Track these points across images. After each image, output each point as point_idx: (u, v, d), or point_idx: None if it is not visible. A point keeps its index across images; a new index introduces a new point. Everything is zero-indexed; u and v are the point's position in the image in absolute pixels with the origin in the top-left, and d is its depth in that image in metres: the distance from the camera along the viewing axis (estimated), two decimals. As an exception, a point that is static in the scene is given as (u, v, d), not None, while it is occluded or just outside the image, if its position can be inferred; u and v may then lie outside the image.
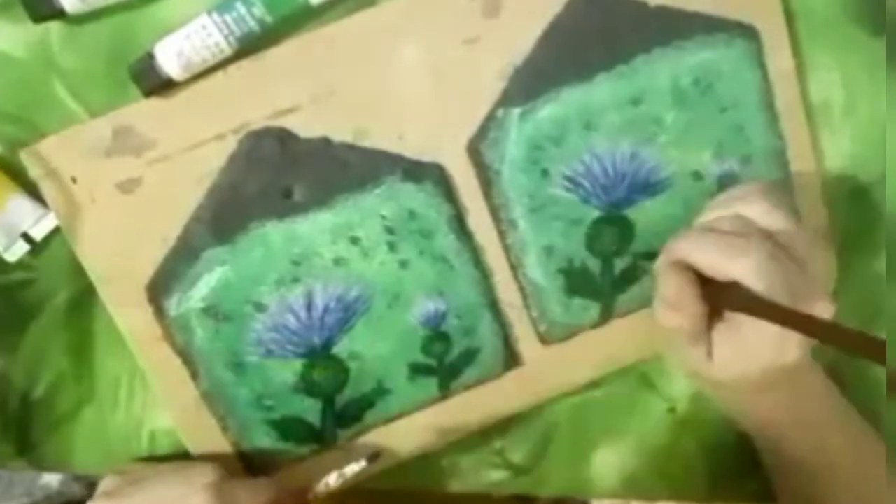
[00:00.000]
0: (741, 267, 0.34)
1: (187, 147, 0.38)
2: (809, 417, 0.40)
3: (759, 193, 0.37)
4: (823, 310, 0.35)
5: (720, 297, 0.36)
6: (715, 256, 0.35)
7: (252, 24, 0.36)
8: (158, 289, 0.39)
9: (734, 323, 0.37)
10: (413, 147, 0.40)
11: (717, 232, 0.36)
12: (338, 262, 0.40)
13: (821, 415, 0.41)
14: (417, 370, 0.42)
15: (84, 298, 0.40)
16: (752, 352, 0.36)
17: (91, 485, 0.59)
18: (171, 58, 0.36)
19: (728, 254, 0.34)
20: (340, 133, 0.39)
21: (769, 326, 0.34)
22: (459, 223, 0.41)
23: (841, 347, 0.33)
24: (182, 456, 0.42)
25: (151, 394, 0.42)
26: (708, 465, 0.47)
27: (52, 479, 0.59)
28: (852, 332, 0.32)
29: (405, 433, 0.43)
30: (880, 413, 0.45)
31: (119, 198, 0.38)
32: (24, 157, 0.37)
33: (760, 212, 0.36)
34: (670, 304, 0.37)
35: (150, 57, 0.36)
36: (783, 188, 0.40)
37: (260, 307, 0.40)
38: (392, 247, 0.40)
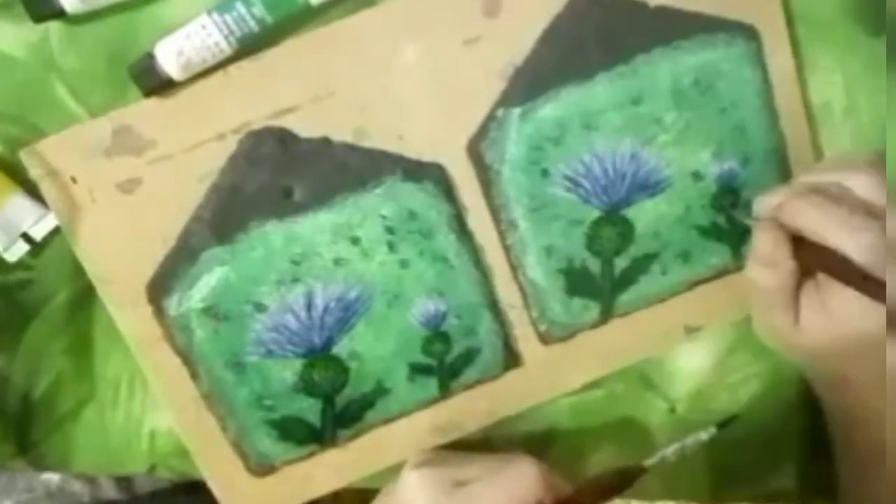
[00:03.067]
0: (854, 242, 0.34)
1: (187, 147, 0.38)
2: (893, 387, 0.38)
3: (867, 165, 0.36)
4: None
5: (816, 260, 0.36)
6: (829, 226, 0.34)
7: (252, 24, 0.36)
8: (158, 289, 0.39)
9: (823, 287, 0.36)
10: (413, 147, 0.40)
11: (831, 198, 0.35)
12: (338, 262, 0.40)
13: None
14: (417, 370, 0.42)
15: (84, 298, 0.40)
16: (840, 318, 0.36)
17: (91, 482, 0.59)
18: (171, 58, 0.36)
19: (843, 227, 0.34)
20: (340, 133, 0.39)
21: (851, 294, 0.34)
22: (459, 223, 0.41)
23: None
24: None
25: (151, 394, 0.42)
26: (708, 465, 0.47)
27: (52, 476, 0.59)
28: None
29: (405, 433, 0.43)
30: None
31: (119, 198, 0.38)
32: (24, 157, 0.37)
33: (868, 185, 0.36)
34: (764, 261, 0.36)
35: (150, 57, 0.36)
36: (881, 162, 0.39)
37: (260, 307, 0.40)
38: (392, 247, 0.40)
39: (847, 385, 0.39)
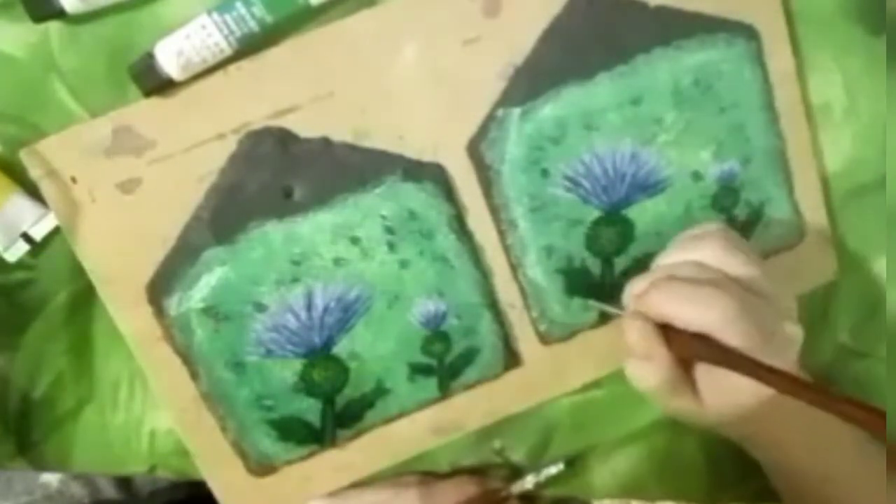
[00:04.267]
0: (718, 315, 0.34)
1: (187, 147, 0.38)
2: (812, 433, 0.39)
3: (715, 237, 0.36)
4: (792, 332, 0.36)
5: (684, 346, 0.35)
6: (686, 308, 0.34)
7: (252, 24, 0.36)
8: (158, 289, 0.39)
9: (705, 367, 0.36)
10: (413, 147, 0.40)
11: (681, 280, 0.35)
12: (338, 262, 0.40)
13: (821, 430, 0.40)
14: (417, 370, 0.42)
15: (84, 298, 0.40)
16: (738, 384, 0.35)
17: (90, 483, 0.59)
18: (171, 58, 0.36)
19: (699, 305, 0.34)
20: (340, 133, 0.39)
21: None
22: (459, 223, 0.41)
23: (808, 402, 0.32)
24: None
25: (151, 394, 0.42)
26: (708, 465, 0.47)
27: (51, 478, 0.59)
28: (817, 387, 0.32)
29: (405, 433, 0.43)
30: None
31: (119, 198, 0.38)
32: (24, 157, 0.37)
33: (720, 256, 0.36)
34: (639, 355, 0.36)
35: (150, 57, 0.36)
36: (732, 230, 0.39)
37: (260, 307, 0.40)
38: (392, 247, 0.40)
39: (764, 441, 0.40)
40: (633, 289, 0.37)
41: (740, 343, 0.34)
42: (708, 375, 0.36)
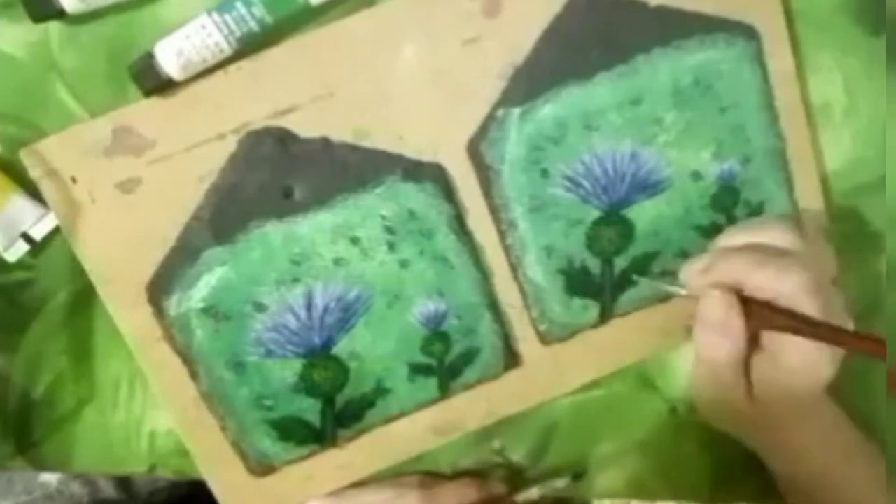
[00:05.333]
0: (795, 284, 0.34)
1: (187, 147, 0.38)
2: (835, 450, 0.40)
3: (778, 220, 0.38)
4: (837, 294, 0.36)
5: (762, 318, 0.36)
6: (769, 274, 0.35)
7: (252, 24, 0.36)
8: (158, 289, 0.39)
9: (770, 349, 0.37)
10: (413, 147, 0.40)
11: (752, 250, 0.36)
12: (338, 262, 0.40)
13: (844, 447, 0.41)
14: (417, 370, 0.42)
15: (84, 298, 0.40)
16: (790, 376, 0.36)
17: (90, 483, 0.59)
18: (171, 58, 0.36)
19: (782, 272, 0.34)
20: (340, 133, 0.39)
21: (804, 348, 0.35)
22: (459, 223, 0.41)
23: (875, 357, 0.33)
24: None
25: (151, 394, 0.42)
26: (709, 465, 0.47)
27: (51, 478, 0.59)
28: (881, 341, 0.33)
29: (405, 433, 0.43)
30: (876, 418, 0.45)
31: (119, 198, 0.38)
32: (24, 157, 0.37)
33: (782, 235, 0.36)
34: (720, 330, 0.36)
35: (150, 57, 0.36)
36: (793, 218, 0.41)
37: (260, 307, 0.40)
38: (392, 247, 0.40)
39: (784, 450, 0.40)
40: (696, 266, 0.37)
41: (815, 312, 0.34)
42: (764, 361, 0.37)
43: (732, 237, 0.39)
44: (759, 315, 0.35)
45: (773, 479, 0.44)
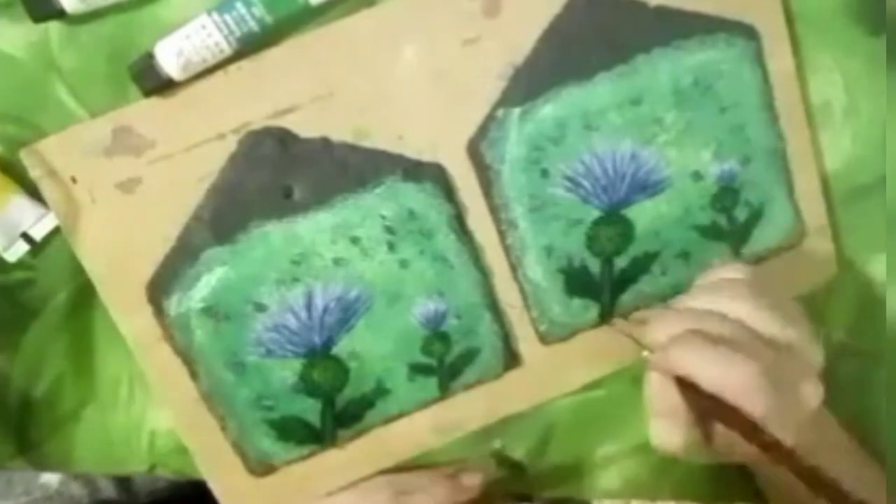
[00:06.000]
0: (732, 383, 0.33)
1: (187, 147, 0.38)
2: (819, 454, 0.39)
3: (742, 288, 0.36)
4: (811, 393, 0.35)
5: (699, 405, 0.35)
6: (708, 369, 0.34)
7: (252, 24, 0.36)
8: (158, 289, 0.39)
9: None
10: (413, 147, 0.40)
11: (703, 338, 0.34)
12: (338, 262, 0.40)
13: (829, 449, 0.39)
14: (417, 370, 0.42)
15: (84, 298, 0.40)
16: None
17: (90, 483, 0.59)
18: (170, 58, 0.36)
19: (721, 367, 0.33)
20: (340, 133, 0.39)
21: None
22: (459, 223, 0.41)
23: (803, 482, 0.32)
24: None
25: (151, 394, 0.42)
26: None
27: (51, 478, 0.59)
28: (811, 471, 0.32)
29: (405, 433, 0.43)
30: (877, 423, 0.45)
31: (119, 198, 0.38)
32: (24, 157, 0.37)
33: (747, 311, 0.35)
34: (668, 416, 0.35)
35: (150, 57, 0.36)
36: (761, 271, 0.39)
37: (260, 307, 0.40)
38: (392, 247, 0.40)
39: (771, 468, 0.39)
40: (657, 333, 0.36)
41: (756, 408, 0.33)
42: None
43: (695, 298, 0.37)
44: (693, 400, 0.35)
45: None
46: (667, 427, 0.36)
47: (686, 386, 0.35)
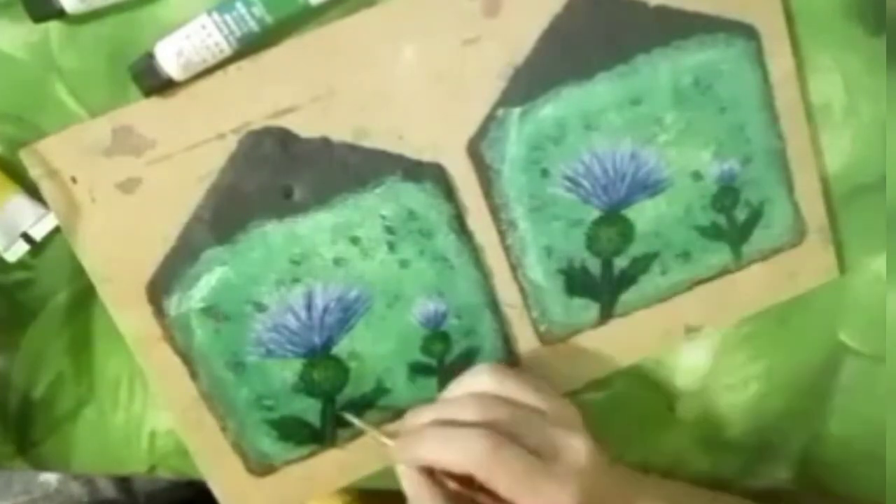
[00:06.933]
0: (470, 462, 0.34)
1: (187, 147, 0.38)
2: None
3: (484, 370, 0.38)
4: (579, 448, 0.36)
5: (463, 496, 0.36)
6: (444, 455, 0.35)
7: (252, 24, 0.36)
8: (158, 289, 0.39)
9: None
10: (413, 147, 0.40)
11: (434, 427, 0.36)
12: (338, 262, 0.40)
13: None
14: (417, 370, 0.42)
15: (84, 298, 0.40)
16: None
17: (90, 483, 0.59)
18: (171, 58, 0.36)
19: (455, 451, 0.34)
20: (340, 133, 0.39)
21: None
22: (459, 223, 0.41)
23: None
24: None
25: (151, 394, 0.42)
26: (709, 465, 0.47)
27: (50, 478, 0.59)
28: None
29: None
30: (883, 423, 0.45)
31: (119, 198, 0.38)
32: (24, 157, 0.37)
33: (491, 383, 0.37)
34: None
35: (150, 57, 0.36)
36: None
37: (260, 307, 0.40)
38: (392, 247, 0.40)
39: None
40: (406, 425, 0.39)
41: (506, 476, 0.34)
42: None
43: (448, 390, 0.39)
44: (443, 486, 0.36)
45: (769, 479, 0.44)
46: None
47: (437, 473, 0.36)
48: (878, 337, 0.46)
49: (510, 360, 0.43)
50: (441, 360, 0.42)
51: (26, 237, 0.39)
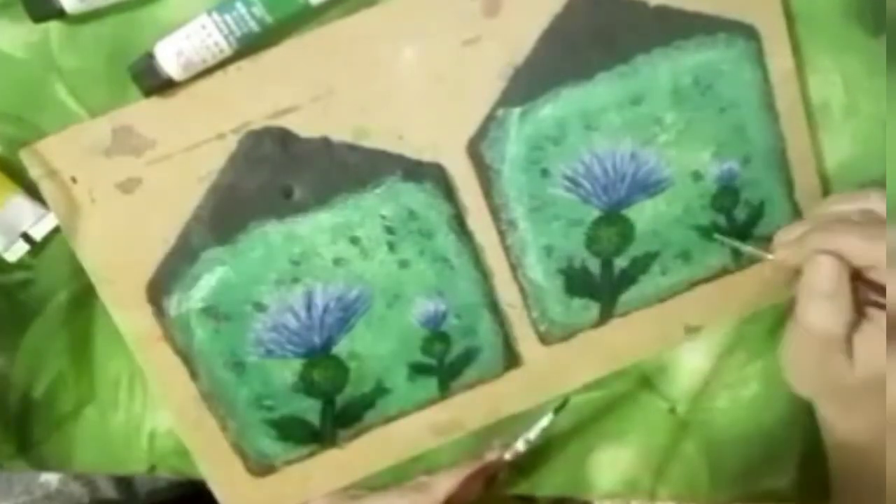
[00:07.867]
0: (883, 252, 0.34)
1: (187, 147, 0.38)
2: None
3: (876, 190, 0.38)
4: None
5: (867, 289, 0.35)
6: (858, 242, 0.34)
7: (252, 24, 0.36)
8: (158, 289, 0.39)
9: (870, 318, 0.36)
10: (413, 147, 0.40)
11: (848, 219, 0.36)
12: (338, 262, 0.40)
13: None
14: (417, 370, 0.42)
15: (84, 298, 0.40)
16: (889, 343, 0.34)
17: (90, 483, 0.59)
18: (171, 58, 0.36)
19: (872, 239, 0.34)
20: (340, 133, 0.39)
21: None
22: (459, 223, 0.41)
23: None
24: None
25: (151, 394, 0.42)
26: (708, 465, 0.47)
27: (51, 478, 0.59)
28: None
29: (405, 433, 0.43)
30: None
31: (119, 198, 0.38)
32: (24, 157, 0.37)
33: (881, 206, 0.37)
34: (830, 296, 0.35)
35: (150, 57, 0.36)
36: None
37: (260, 307, 0.40)
38: (392, 247, 0.40)
39: (877, 416, 0.38)
40: (788, 234, 0.38)
41: None
42: (866, 330, 0.36)
43: (828, 206, 0.39)
44: (862, 287, 0.35)
45: (769, 480, 0.44)
46: (826, 308, 0.36)
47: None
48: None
49: (510, 359, 0.43)
50: (441, 360, 0.42)
51: (26, 237, 0.39)
